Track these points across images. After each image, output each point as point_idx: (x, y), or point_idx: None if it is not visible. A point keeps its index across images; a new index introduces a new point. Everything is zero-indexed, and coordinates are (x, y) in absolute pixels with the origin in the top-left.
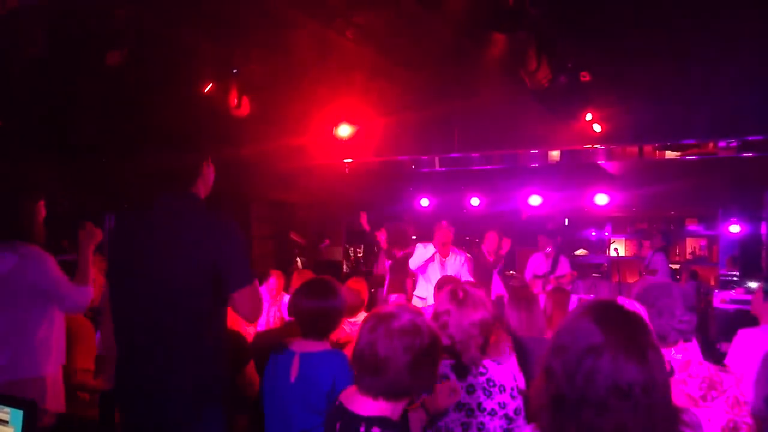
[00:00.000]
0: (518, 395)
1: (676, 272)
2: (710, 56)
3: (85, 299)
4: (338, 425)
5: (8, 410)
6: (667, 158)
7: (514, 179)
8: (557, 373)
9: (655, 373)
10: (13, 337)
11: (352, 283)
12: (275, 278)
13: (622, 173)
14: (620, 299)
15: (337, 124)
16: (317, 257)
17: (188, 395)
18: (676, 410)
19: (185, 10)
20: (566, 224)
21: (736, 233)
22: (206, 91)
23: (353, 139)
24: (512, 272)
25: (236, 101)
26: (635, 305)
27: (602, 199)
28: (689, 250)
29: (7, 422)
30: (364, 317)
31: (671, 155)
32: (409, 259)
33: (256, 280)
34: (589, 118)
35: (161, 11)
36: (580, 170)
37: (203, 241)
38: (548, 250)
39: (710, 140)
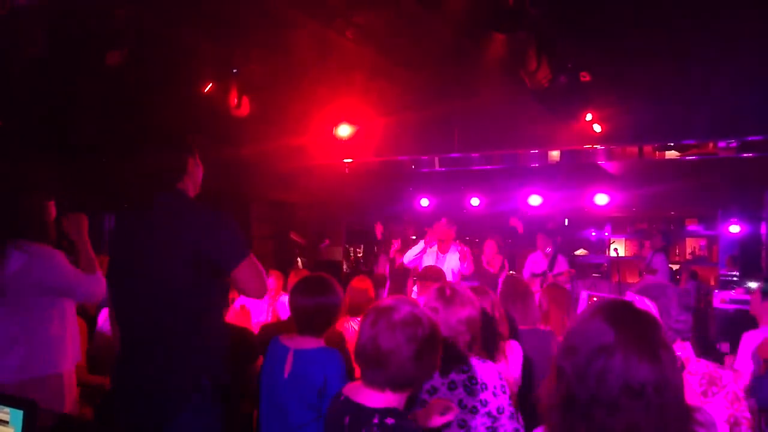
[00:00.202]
0: (502, 393)
1: (676, 272)
2: (710, 56)
3: (98, 286)
4: (347, 419)
5: (8, 410)
6: (667, 158)
7: (514, 179)
8: (568, 373)
9: (667, 372)
10: (25, 335)
11: (356, 282)
12: (273, 278)
13: (622, 173)
14: (629, 295)
15: (337, 124)
16: (317, 257)
17: (185, 391)
18: (688, 409)
19: (185, 10)
20: (566, 224)
21: (735, 233)
22: (206, 91)
23: (353, 139)
24: (512, 272)
25: (236, 101)
26: (645, 303)
27: (602, 199)
28: (689, 250)
29: (7, 422)
30: (364, 312)
31: (671, 155)
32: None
33: (251, 254)
34: (589, 118)
35: (161, 11)
36: (580, 170)
37: (188, 233)
38: (548, 250)
39: (710, 140)
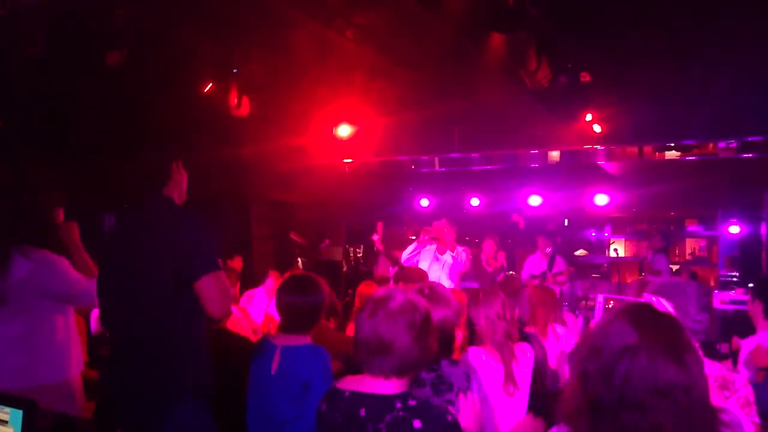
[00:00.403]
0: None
1: (675, 273)
2: (710, 56)
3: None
4: (363, 412)
5: (8, 410)
6: (667, 158)
7: (513, 179)
8: (593, 375)
9: (693, 373)
10: (30, 342)
11: (364, 287)
12: (272, 279)
13: (621, 174)
14: (646, 296)
15: (337, 124)
16: (317, 257)
17: (170, 394)
18: (714, 410)
19: (185, 10)
20: (566, 224)
21: (735, 234)
22: (206, 91)
23: (353, 139)
24: (511, 272)
25: (236, 101)
26: (662, 303)
27: (602, 199)
28: (689, 250)
29: (6, 422)
30: (358, 306)
31: (671, 155)
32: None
33: (221, 271)
34: (589, 118)
35: (161, 11)
36: (579, 170)
37: (166, 236)
38: (548, 250)
39: (710, 140)
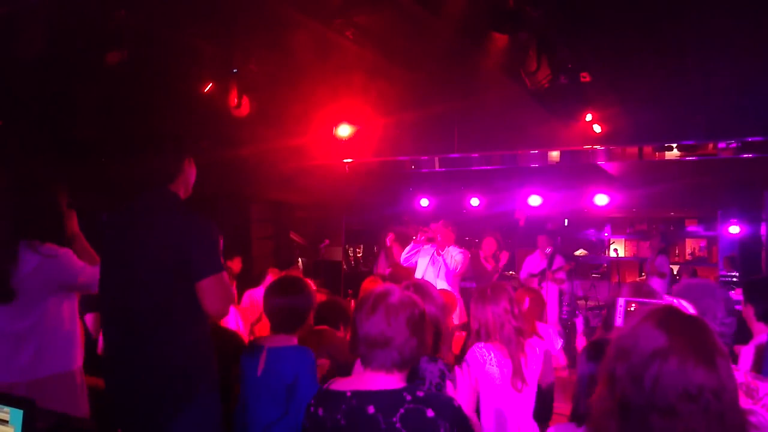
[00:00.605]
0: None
1: (676, 273)
2: (710, 56)
3: None
4: (371, 409)
5: (8, 410)
6: (666, 159)
7: (513, 180)
8: (622, 378)
9: (723, 376)
10: (37, 334)
11: (368, 283)
12: (272, 277)
13: (621, 174)
14: (666, 298)
15: (337, 124)
16: (317, 257)
17: (168, 389)
18: (744, 413)
19: (185, 10)
20: (566, 225)
21: (735, 234)
22: (206, 91)
23: (353, 139)
24: (511, 272)
25: (236, 101)
26: (682, 305)
27: (602, 199)
28: (689, 250)
29: (6, 422)
30: (356, 303)
31: (671, 156)
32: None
33: (224, 272)
34: (589, 118)
35: (161, 11)
36: (579, 171)
37: (171, 234)
38: (548, 250)
39: (710, 140)
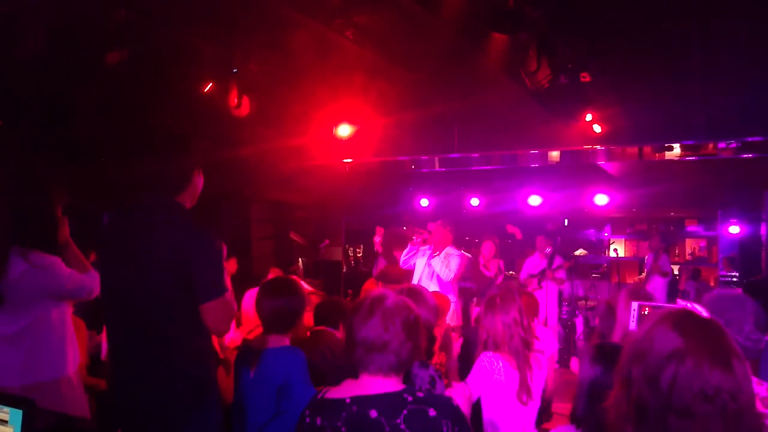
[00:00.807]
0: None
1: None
2: (710, 56)
3: (94, 282)
4: (374, 413)
5: (8, 410)
6: (666, 159)
7: (513, 180)
8: (638, 380)
9: (740, 378)
10: (26, 342)
11: (369, 285)
12: (273, 276)
13: (621, 174)
14: (679, 302)
15: (337, 124)
16: (317, 257)
17: (171, 393)
18: (760, 416)
19: (185, 10)
20: (566, 225)
21: (735, 234)
22: (206, 91)
23: (353, 139)
24: (511, 272)
25: (236, 101)
26: (697, 309)
27: (602, 199)
28: (689, 250)
29: (6, 422)
30: (351, 307)
31: (671, 156)
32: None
33: (228, 293)
34: (589, 118)
35: (161, 11)
36: (579, 171)
37: (176, 248)
38: (548, 250)
39: (710, 140)
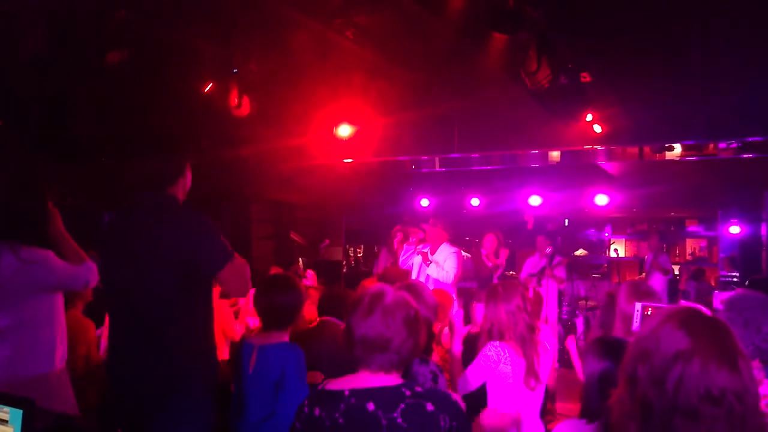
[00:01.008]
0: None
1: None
2: (710, 56)
3: (90, 273)
4: (371, 406)
5: (7, 410)
6: (667, 159)
7: (513, 179)
8: (643, 380)
9: (746, 378)
10: (14, 336)
11: (368, 283)
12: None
13: (621, 174)
14: (685, 303)
15: (337, 124)
16: (317, 257)
17: (174, 391)
18: (763, 416)
19: (185, 10)
20: (566, 225)
21: (735, 234)
22: (206, 91)
23: (353, 139)
24: (511, 272)
25: (236, 101)
26: (700, 307)
27: (602, 199)
28: (689, 251)
29: (6, 422)
30: (349, 303)
31: (671, 156)
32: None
33: (236, 255)
34: (589, 118)
35: (161, 11)
36: (580, 171)
37: (174, 238)
38: (548, 250)
39: (710, 140)
